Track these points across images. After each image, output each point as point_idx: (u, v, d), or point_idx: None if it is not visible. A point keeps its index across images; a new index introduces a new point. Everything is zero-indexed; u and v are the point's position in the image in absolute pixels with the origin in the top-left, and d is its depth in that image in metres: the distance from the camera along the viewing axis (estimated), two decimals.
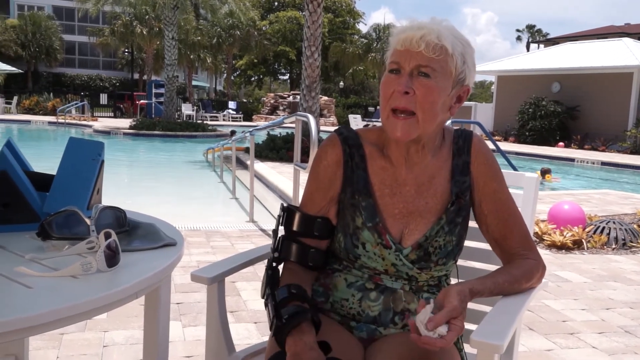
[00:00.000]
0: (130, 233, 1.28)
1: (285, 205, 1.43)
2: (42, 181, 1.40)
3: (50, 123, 24.19)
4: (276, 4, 42.65)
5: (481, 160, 1.39)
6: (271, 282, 1.35)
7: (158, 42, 31.01)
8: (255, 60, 41.00)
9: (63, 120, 24.10)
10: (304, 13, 12.17)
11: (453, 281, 1.45)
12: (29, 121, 24.68)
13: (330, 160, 1.40)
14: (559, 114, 20.73)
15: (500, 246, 1.41)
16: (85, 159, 1.39)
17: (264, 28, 39.25)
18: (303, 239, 1.40)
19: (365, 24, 46.66)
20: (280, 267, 1.42)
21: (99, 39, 36.50)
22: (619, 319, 3.28)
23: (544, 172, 10.91)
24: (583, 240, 5.04)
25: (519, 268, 1.36)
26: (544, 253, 4.81)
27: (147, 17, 31.02)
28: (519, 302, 1.29)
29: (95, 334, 2.74)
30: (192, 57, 35.33)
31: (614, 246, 5.10)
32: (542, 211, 6.40)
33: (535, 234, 5.27)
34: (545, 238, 5.10)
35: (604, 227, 5.31)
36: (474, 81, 1.38)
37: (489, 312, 1.24)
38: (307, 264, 1.39)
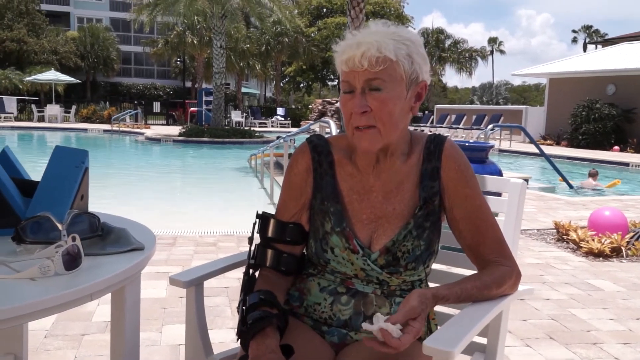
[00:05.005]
0: (104, 238, 1.33)
1: (260, 212, 1.46)
2: (31, 188, 1.47)
3: (105, 131, 25.04)
4: (324, 10, 42.86)
5: (452, 166, 1.38)
6: (246, 288, 1.39)
7: (209, 51, 31.62)
8: (304, 67, 41.30)
9: (117, 128, 24.91)
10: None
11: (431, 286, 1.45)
12: (85, 129, 25.62)
13: (301, 168, 1.43)
14: (614, 117, 20.00)
15: (474, 252, 1.39)
16: (69, 167, 1.46)
17: (312, 35, 39.51)
18: (277, 244, 1.43)
19: (415, 28, 46.29)
20: (257, 273, 1.46)
21: (152, 49, 37.58)
22: None
23: (592, 175, 10.56)
24: (622, 247, 4.86)
25: (490, 274, 1.34)
26: (580, 261, 4.67)
27: (198, 26, 31.73)
28: (483, 309, 1.27)
29: None
30: (241, 64, 35.91)
31: None
32: (583, 217, 6.21)
33: (573, 240, 5.12)
34: (582, 245, 4.94)
35: None
36: (429, 73, 1.37)
37: (451, 318, 1.23)
38: (281, 269, 1.42)
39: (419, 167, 1.38)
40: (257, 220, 1.44)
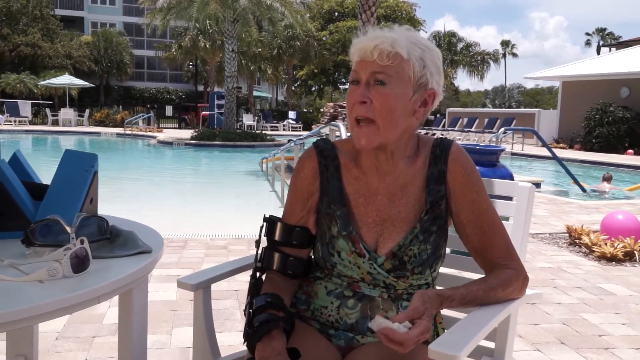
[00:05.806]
0: (112, 241, 1.34)
1: (267, 216, 1.47)
2: (41, 192, 1.49)
3: (118, 135, 25.23)
4: (336, 14, 42.93)
5: (458, 170, 1.37)
6: (253, 291, 1.40)
7: (221, 55, 31.81)
8: (316, 71, 41.38)
9: (130, 132, 25.09)
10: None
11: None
12: (98, 133, 25.83)
13: (307, 172, 1.44)
14: (628, 120, 19.85)
15: (481, 256, 1.39)
16: (78, 170, 1.48)
17: (324, 38, 39.58)
18: (283, 248, 1.44)
19: (426, 32, 46.35)
20: (264, 276, 1.46)
21: (165, 54, 37.84)
22: None
23: (607, 179, 10.47)
24: (635, 252, 4.81)
25: (496, 277, 1.34)
26: (592, 265, 4.63)
27: (210, 31, 31.91)
28: (490, 313, 1.27)
29: None
30: (253, 68, 36.05)
31: None
32: (596, 221, 6.16)
33: (585, 244, 5.08)
34: (594, 249, 4.91)
35: None
36: (442, 85, 1.37)
37: (458, 322, 1.23)
38: (287, 272, 1.42)
39: (425, 170, 1.38)
40: (264, 223, 1.45)
